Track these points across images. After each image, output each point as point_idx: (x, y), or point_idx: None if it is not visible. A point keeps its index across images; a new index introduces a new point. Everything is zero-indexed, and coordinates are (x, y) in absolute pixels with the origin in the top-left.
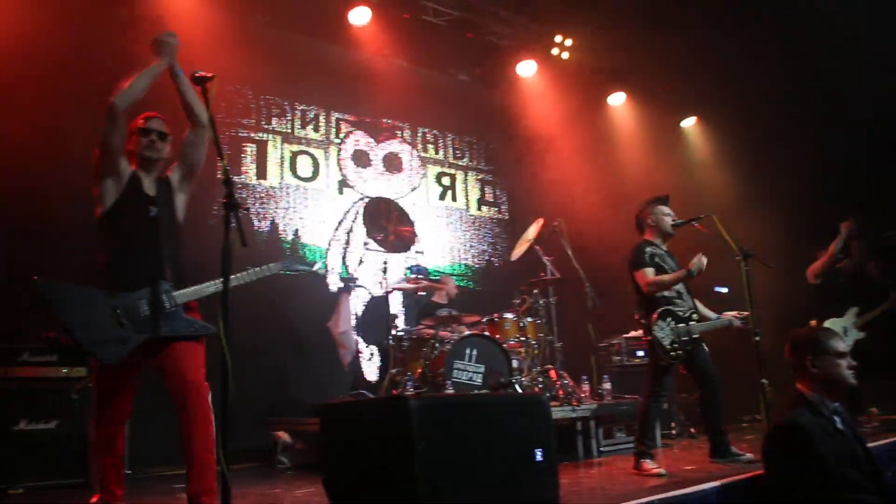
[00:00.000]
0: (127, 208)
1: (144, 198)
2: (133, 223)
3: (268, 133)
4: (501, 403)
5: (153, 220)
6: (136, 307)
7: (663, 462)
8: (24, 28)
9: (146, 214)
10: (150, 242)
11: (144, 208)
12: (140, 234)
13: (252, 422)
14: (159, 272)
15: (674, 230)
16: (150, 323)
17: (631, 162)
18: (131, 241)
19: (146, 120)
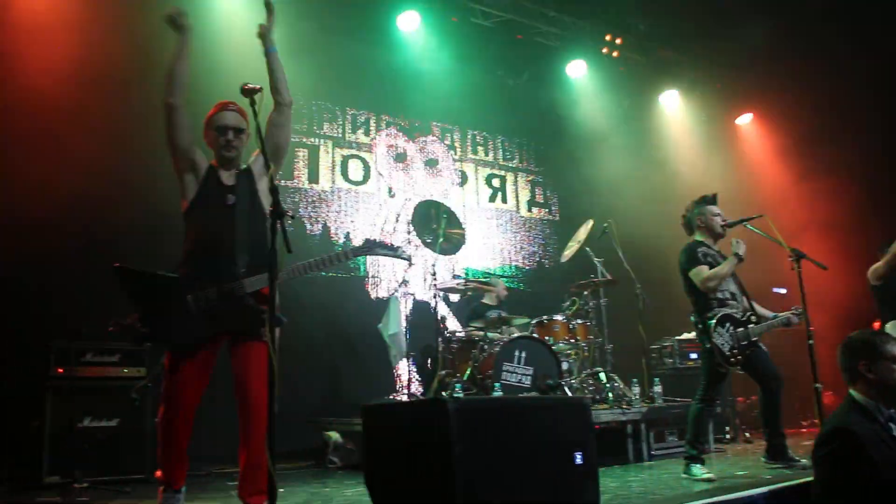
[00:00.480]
0: (205, 200)
1: (222, 188)
2: (209, 213)
3: (319, 138)
4: (541, 406)
5: (229, 209)
6: (209, 297)
7: (715, 467)
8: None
9: (223, 203)
10: (224, 231)
11: (222, 197)
12: (216, 222)
13: (304, 422)
14: (232, 261)
15: (724, 230)
16: (220, 313)
17: (683, 161)
18: (206, 230)
19: (221, 114)
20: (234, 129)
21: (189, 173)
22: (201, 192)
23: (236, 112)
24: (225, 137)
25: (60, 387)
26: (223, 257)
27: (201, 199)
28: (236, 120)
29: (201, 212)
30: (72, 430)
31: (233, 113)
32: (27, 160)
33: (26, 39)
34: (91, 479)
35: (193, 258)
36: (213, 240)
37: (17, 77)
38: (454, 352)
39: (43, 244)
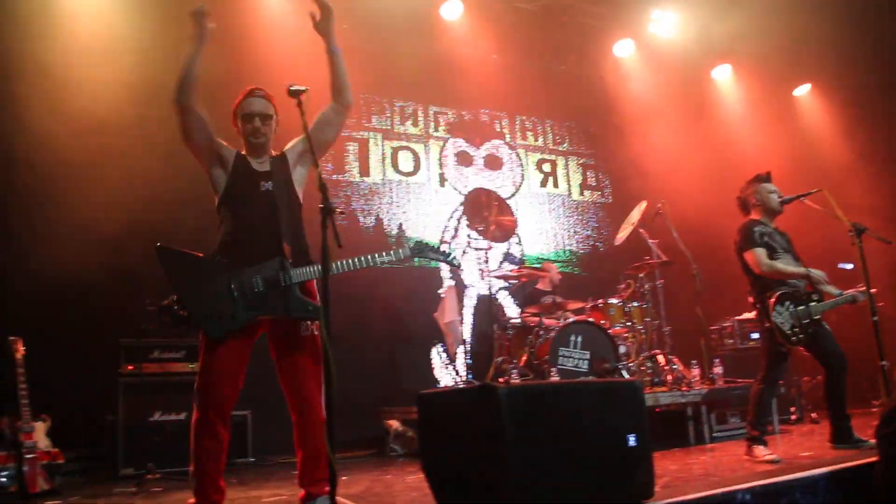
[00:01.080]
0: (238, 189)
1: (255, 174)
2: (245, 200)
3: (368, 131)
4: (593, 389)
5: (267, 195)
6: (251, 282)
7: (779, 448)
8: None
9: (257, 189)
10: (265, 217)
11: (255, 184)
12: (254, 209)
13: (365, 411)
14: (277, 248)
15: (781, 207)
16: (262, 300)
17: (738, 137)
18: (246, 216)
19: (247, 101)
20: (261, 115)
21: (216, 167)
22: (232, 181)
23: (263, 98)
24: (252, 125)
25: (131, 383)
26: (269, 244)
27: (234, 187)
28: (263, 106)
29: (237, 201)
30: (144, 424)
31: (259, 99)
32: (98, 178)
33: (89, 62)
34: (163, 470)
35: (235, 245)
36: (256, 226)
37: (81, 99)
38: (510, 338)
39: (112, 254)
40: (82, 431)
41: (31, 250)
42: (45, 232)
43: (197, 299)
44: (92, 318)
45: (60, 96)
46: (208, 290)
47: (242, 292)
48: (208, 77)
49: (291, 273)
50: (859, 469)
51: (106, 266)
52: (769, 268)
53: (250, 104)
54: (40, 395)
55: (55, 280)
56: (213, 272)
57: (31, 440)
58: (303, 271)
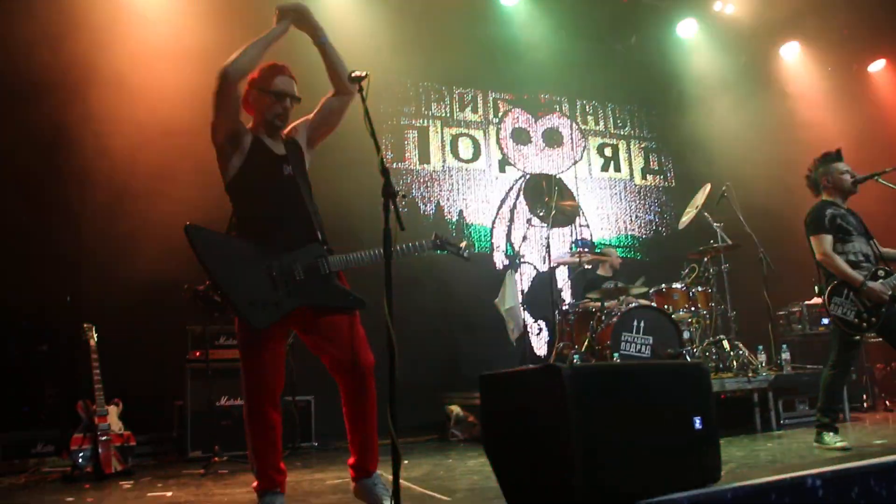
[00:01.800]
0: (257, 170)
1: (274, 157)
2: (267, 183)
3: (428, 119)
4: (658, 371)
5: (290, 179)
6: (291, 269)
7: (850, 436)
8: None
9: (280, 174)
10: (294, 202)
11: (277, 168)
12: (278, 193)
13: (427, 397)
14: (311, 234)
15: (855, 187)
16: (304, 288)
17: (808, 116)
18: (271, 200)
19: (278, 77)
20: (292, 97)
21: (230, 143)
22: (251, 161)
23: (292, 79)
24: (283, 104)
25: (198, 369)
26: (302, 230)
27: (252, 168)
28: (294, 87)
29: (257, 182)
30: (211, 409)
31: (290, 79)
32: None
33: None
34: (229, 453)
35: (266, 229)
36: (284, 211)
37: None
38: (571, 323)
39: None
40: (152, 415)
41: (103, 242)
42: (118, 224)
43: (236, 285)
44: (161, 305)
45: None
46: (247, 274)
47: (284, 279)
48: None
49: (330, 261)
50: None
51: (174, 256)
52: (829, 258)
53: (284, 83)
54: (113, 380)
55: (126, 270)
56: (250, 255)
57: (105, 423)
58: (339, 259)
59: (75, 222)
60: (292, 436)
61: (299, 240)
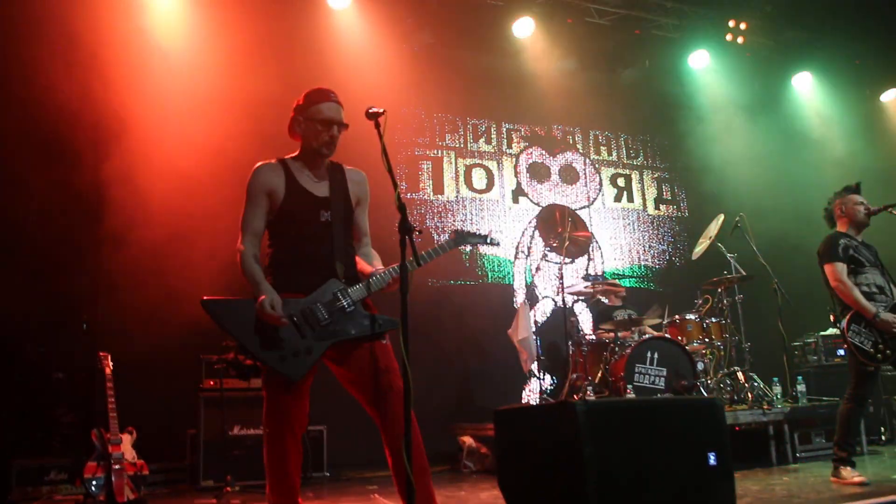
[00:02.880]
0: (294, 213)
1: (312, 201)
2: (299, 228)
3: (442, 149)
4: (673, 407)
5: (326, 227)
6: (314, 311)
7: (868, 470)
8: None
9: (316, 219)
10: (319, 245)
11: (314, 212)
12: (310, 241)
13: (438, 427)
14: (331, 271)
15: (868, 219)
16: (331, 327)
17: (821, 146)
18: (298, 244)
19: (324, 104)
20: (340, 124)
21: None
22: (287, 206)
23: (339, 105)
24: (330, 133)
25: (211, 398)
26: (322, 270)
27: (287, 213)
28: (341, 114)
29: (289, 227)
30: (223, 438)
31: (338, 105)
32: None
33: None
34: (242, 483)
35: (288, 274)
36: (306, 254)
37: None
38: (585, 354)
39: (194, 273)
40: (166, 444)
41: (121, 270)
42: (136, 252)
43: (263, 345)
44: (175, 335)
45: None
46: (272, 331)
47: (309, 325)
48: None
49: (351, 292)
50: None
51: (188, 285)
52: (843, 286)
53: (332, 109)
54: (127, 408)
55: (143, 299)
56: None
57: (118, 452)
58: (359, 289)
59: (94, 249)
60: (304, 466)
61: (318, 280)
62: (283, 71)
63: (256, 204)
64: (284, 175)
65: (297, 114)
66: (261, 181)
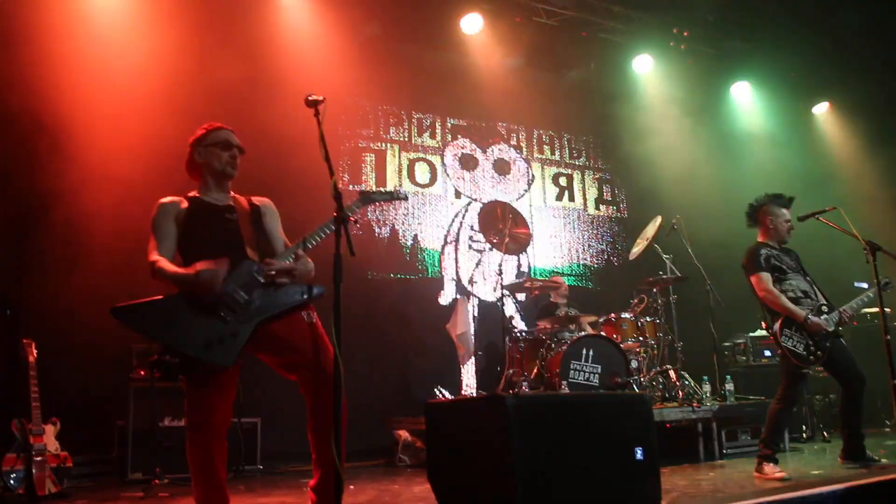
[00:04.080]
0: (197, 226)
1: (216, 209)
2: (206, 232)
3: (386, 142)
4: (601, 402)
5: (232, 223)
6: (231, 294)
7: (790, 466)
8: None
9: (222, 221)
10: (227, 239)
11: (219, 218)
12: (218, 235)
13: (374, 421)
14: (242, 256)
15: (789, 237)
16: (254, 305)
17: (755, 154)
18: (208, 245)
19: (221, 131)
20: (238, 146)
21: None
22: (190, 223)
23: (231, 132)
24: (230, 153)
25: (142, 388)
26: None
27: (192, 227)
28: (236, 140)
29: (196, 235)
30: (153, 430)
31: (231, 132)
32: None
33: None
34: (171, 476)
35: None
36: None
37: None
38: (521, 350)
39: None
40: (93, 436)
41: (46, 257)
42: (60, 238)
43: (186, 338)
44: (105, 322)
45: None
46: (193, 323)
47: (230, 309)
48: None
49: (265, 268)
50: (870, 487)
51: (119, 271)
52: (771, 295)
53: (227, 134)
54: (52, 398)
55: (69, 284)
56: (188, 304)
57: (40, 443)
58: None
59: (18, 231)
60: (237, 458)
61: (237, 263)
62: (228, 62)
63: (162, 230)
64: (188, 200)
65: (195, 146)
66: (164, 210)
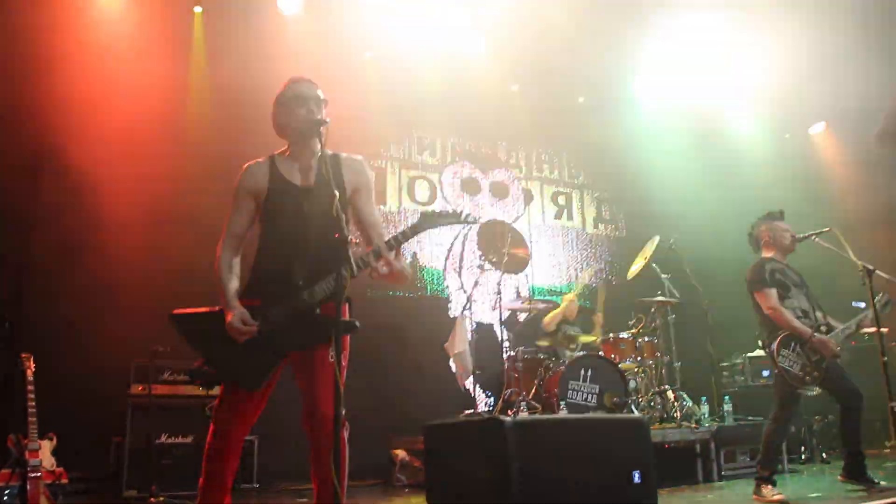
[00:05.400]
0: (272, 210)
1: (292, 191)
2: (281, 221)
3: (386, 160)
4: (600, 425)
5: (303, 218)
6: (275, 320)
7: (788, 488)
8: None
9: (299, 210)
10: (296, 244)
11: (296, 205)
12: (290, 230)
13: (371, 440)
14: (292, 274)
15: (794, 245)
16: (282, 335)
17: (752, 174)
18: (276, 241)
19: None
20: (315, 98)
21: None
22: (271, 198)
23: (311, 82)
24: (306, 107)
25: (140, 404)
26: (290, 271)
27: (271, 208)
28: (315, 90)
29: (271, 223)
30: (150, 446)
31: (312, 85)
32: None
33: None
34: (167, 493)
35: (259, 275)
36: (283, 254)
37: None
38: (520, 370)
39: (125, 275)
40: (89, 452)
41: (46, 270)
42: (60, 252)
43: (223, 357)
44: (104, 338)
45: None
46: (228, 342)
47: (270, 332)
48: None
49: (309, 295)
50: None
51: (119, 287)
52: (777, 312)
53: (302, 86)
54: (49, 413)
55: (69, 300)
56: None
57: (36, 458)
58: (320, 287)
59: (18, 245)
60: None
61: (289, 281)
62: (228, 73)
63: (239, 206)
64: (269, 170)
65: (275, 105)
66: (243, 182)
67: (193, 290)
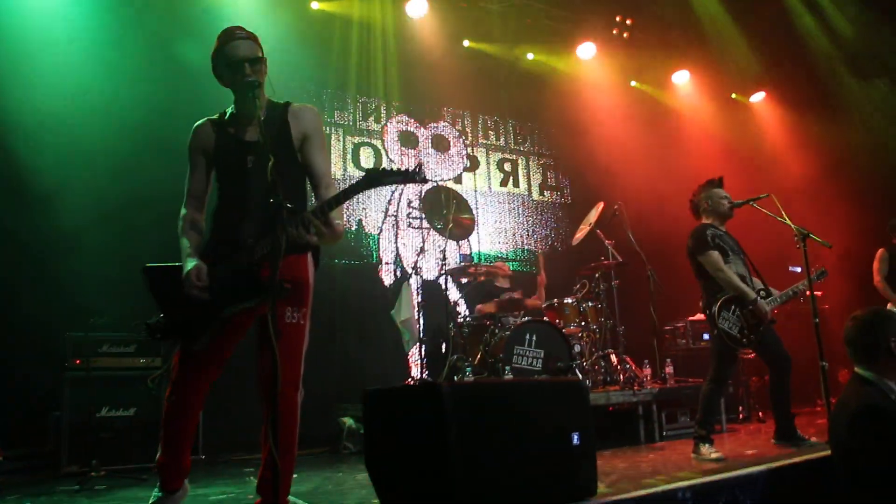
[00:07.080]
0: (223, 161)
1: (235, 146)
2: (228, 177)
3: (330, 126)
4: (538, 388)
5: (246, 172)
6: (223, 276)
7: (725, 447)
8: None
9: (242, 166)
10: (244, 194)
11: (240, 158)
12: (236, 185)
13: (319, 408)
14: (241, 232)
15: (731, 212)
16: (226, 293)
17: (695, 141)
18: (226, 197)
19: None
20: (250, 59)
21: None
22: (217, 156)
23: (247, 39)
24: (242, 73)
25: (78, 378)
26: (239, 229)
27: (218, 166)
28: (250, 49)
29: (221, 180)
30: (90, 421)
31: (244, 42)
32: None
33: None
34: (109, 468)
35: (214, 234)
36: (233, 212)
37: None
38: (465, 336)
39: (59, 240)
40: (26, 428)
41: None
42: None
43: (173, 313)
44: (39, 310)
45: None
46: (181, 299)
47: (219, 289)
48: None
49: (255, 251)
50: (798, 466)
51: (55, 258)
52: (724, 274)
53: (236, 48)
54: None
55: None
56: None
57: None
58: (262, 244)
59: None
60: None
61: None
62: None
63: (193, 165)
64: (216, 127)
65: (212, 60)
66: (192, 142)
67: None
